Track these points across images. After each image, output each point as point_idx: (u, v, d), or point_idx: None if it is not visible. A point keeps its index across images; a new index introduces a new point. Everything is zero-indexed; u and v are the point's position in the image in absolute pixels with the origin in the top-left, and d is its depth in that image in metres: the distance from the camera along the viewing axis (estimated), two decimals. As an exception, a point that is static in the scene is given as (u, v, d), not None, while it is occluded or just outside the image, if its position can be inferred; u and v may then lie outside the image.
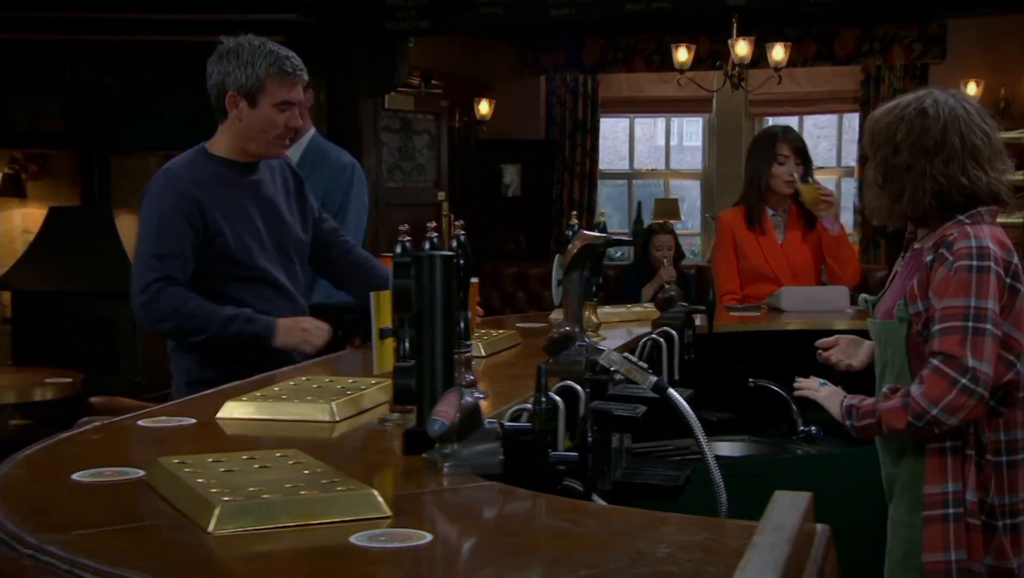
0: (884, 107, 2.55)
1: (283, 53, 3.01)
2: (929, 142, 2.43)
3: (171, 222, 2.94)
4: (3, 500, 1.51)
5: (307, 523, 1.41)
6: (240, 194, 3.04)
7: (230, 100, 2.98)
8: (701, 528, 1.31)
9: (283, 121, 3.00)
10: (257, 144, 3.04)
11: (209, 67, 3.01)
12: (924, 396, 2.30)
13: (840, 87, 9.96)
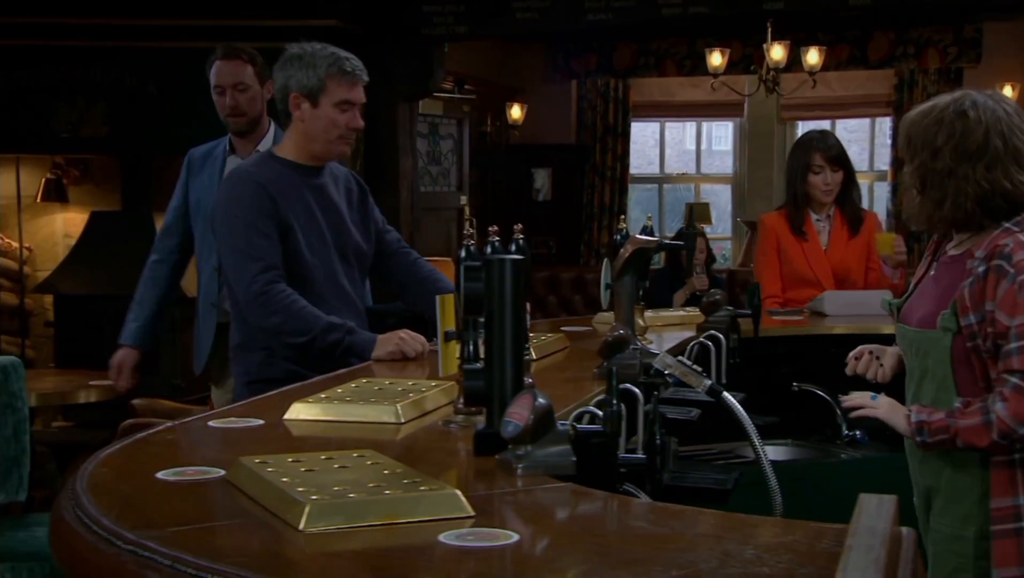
0: (919, 109, 2.49)
1: (343, 55, 3.09)
2: (971, 146, 2.36)
3: (254, 216, 3.03)
4: (96, 498, 1.55)
5: (393, 522, 1.44)
6: (306, 195, 3.11)
7: (293, 102, 3.06)
8: (785, 530, 1.34)
9: (344, 121, 3.07)
10: (320, 144, 3.10)
11: (274, 73, 3.11)
12: (1012, 416, 2.25)
13: (873, 91, 9.94)
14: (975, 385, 2.37)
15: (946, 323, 2.38)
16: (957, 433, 2.32)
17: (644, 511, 1.49)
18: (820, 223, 4.64)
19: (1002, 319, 2.29)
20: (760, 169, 10.25)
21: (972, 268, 2.37)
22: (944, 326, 2.38)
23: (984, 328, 2.32)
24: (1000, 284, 2.30)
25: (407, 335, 3.03)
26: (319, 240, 3.10)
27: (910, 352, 2.52)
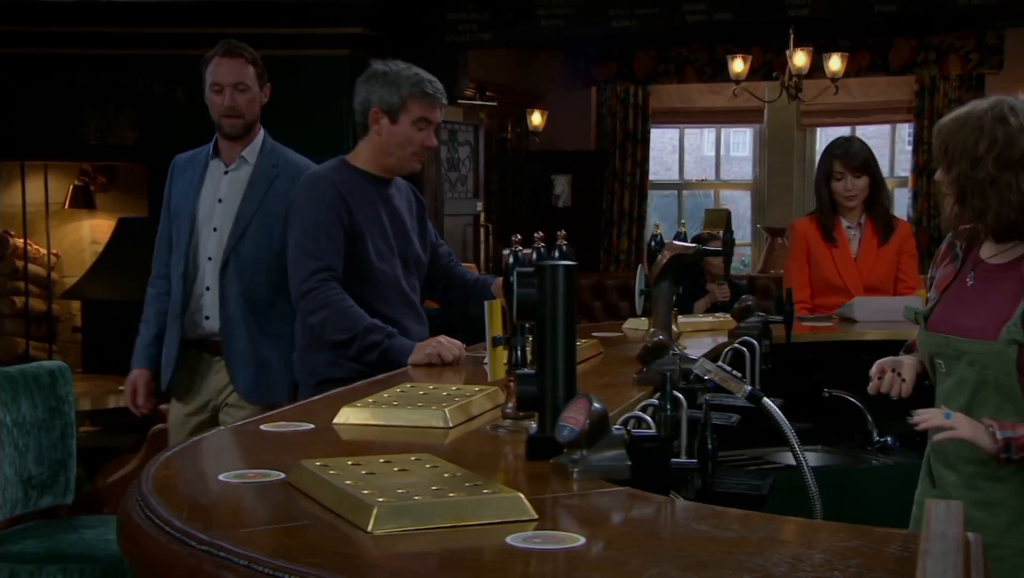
0: (953, 116, 2.41)
1: (426, 76, 3.26)
2: (1015, 155, 2.30)
3: (325, 218, 3.16)
4: (164, 499, 1.58)
5: (458, 524, 1.46)
6: (376, 204, 3.25)
7: (373, 116, 3.23)
8: (850, 535, 1.36)
9: (420, 139, 3.24)
10: (395, 159, 3.26)
11: (357, 87, 3.28)
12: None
13: (894, 97, 9.95)
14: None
15: (1012, 335, 2.31)
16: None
17: (706, 515, 1.51)
18: (851, 231, 4.65)
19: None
20: (780, 175, 10.26)
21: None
22: (1010, 337, 2.31)
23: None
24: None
25: (445, 340, 3.08)
26: (387, 248, 3.23)
27: (961, 363, 2.42)
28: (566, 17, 6.41)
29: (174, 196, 3.64)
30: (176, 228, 3.59)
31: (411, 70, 3.24)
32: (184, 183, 3.62)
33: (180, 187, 3.62)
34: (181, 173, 3.67)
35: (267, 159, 3.60)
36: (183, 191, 3.60)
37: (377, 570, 1.36)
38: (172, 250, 3.60)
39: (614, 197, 10.00)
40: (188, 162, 3.68)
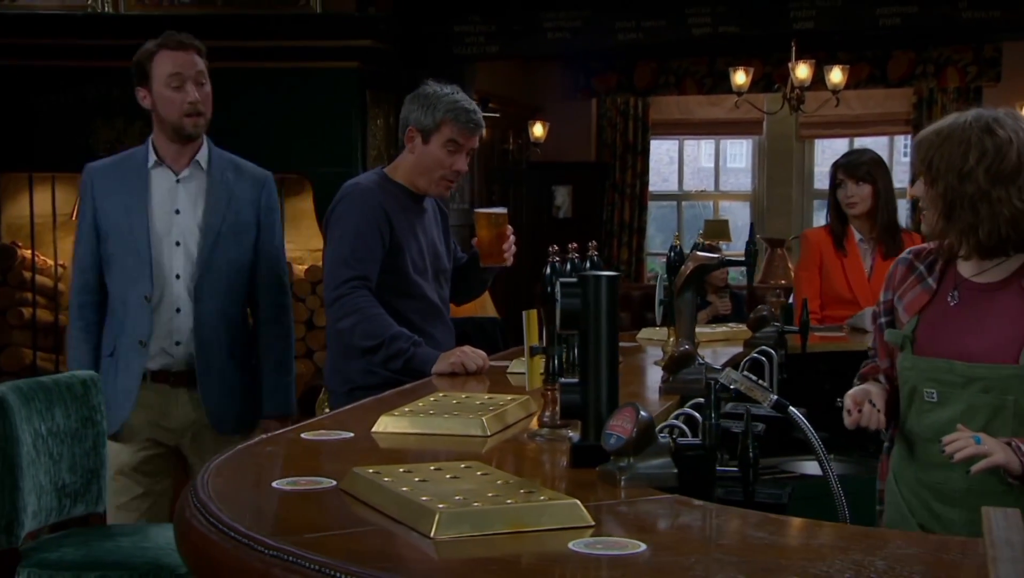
0: (934, 129, 2.30)
1: (465, 105, 3.29)
2: (1007, 167, 2.20)
3: (365, 229, 3.20)
4: (225, 506, 1.61)
5: (518, 530, 1.50)
6: (413, 218, 3.32)
7: (408, 134, 3.31)
8: (906, 541, 1.39)
9: (450, 163, 3.29)
10: (425, 180, 3.33)
11: (404, 103, 3.35)
12: None
13: (892, 109, 10.01)
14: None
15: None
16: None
17: (760, 521, 1.54)
18: (863, 245, 4.70)
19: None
20: (779, 187, 10.32)
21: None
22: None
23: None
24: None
25: (469, 350, 3.13)
26: (421, 261, 3.31)
27: (966, 389, 2.30)
28: (573, 30, 6.46)
29: (107, 210, 3.21)
30: (120, 246, 3.20)
31: (453, 95, 3.29)
32: (121, 195, 3.21)
33: (115, 200, 3.21)
34: (107, 185, 3.24)
35: (221, 165, 3.30)
36: (122, 204, 3.20)
37: (447, 574, 1.39)
38: (112, 271, 3.22)
39: (614, 208, 10.04)
40: (113, 171, 3.28)
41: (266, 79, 6.23)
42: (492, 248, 3.36)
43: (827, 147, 10.94)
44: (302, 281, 6.42)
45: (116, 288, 3.22)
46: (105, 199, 3.23)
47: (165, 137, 3.24)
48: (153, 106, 3.23)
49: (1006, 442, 2.17)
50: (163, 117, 3.22)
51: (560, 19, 6.46)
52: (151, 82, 3.21)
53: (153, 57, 3.21)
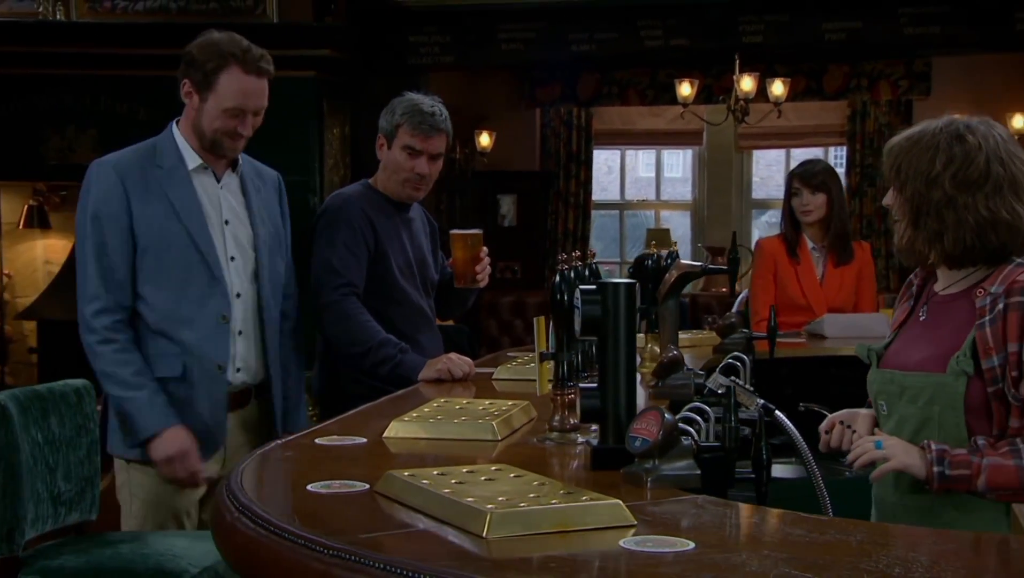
0: (904, 135, 2.27)
1: (422, 108, 3.29)
2: (973, 173, 2.16)
3: (349, 236, 3.24)
4: (271, 510, 1.64)
5: (565, 530, 1.55)
6: (399, 227, 3.35)
7: (378, 141, 3.35)
8: (941, 538, 1.46)
9: (410, 166, 3.30)
10: (392, 184, 3.36)
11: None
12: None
13: (827, 121, 10.23)
14: (989, 434, 2.17)
15: (961, 365, 2.17)
16: (981, 471, 2.10)
17: (795, 520, 1.61)
18: (815, 252, 4.83)
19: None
20: (719, 196, 10.49)
21: (985, 305, 2.18)
22: (959, 369, 2.17)
23: (1008, 371, 2.12)
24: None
25: (456, 357, 3.17)
26: (407, 269, 3.34)
27: (902, 399, 2.29)
28: (527, 41, 6.54)
29: (150, 217, 2.85)
30: (179, 259, 2.87)
31: (412, 100, 3.31)
32: (164, 202, 2.86)
33: (158, 207, 2.86)
34: (143, 186, 2.88)
35: (245, 165, 3.08)
36: (170, 211, 2.86)
37: (512, 572, 1.43)
38: (165, 287, 2.87)
39: (558, 217, 10.14)
40: (144, 170, 2.91)
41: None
42: (466, 269, 3.37)
43: (765, 158, 11.16)
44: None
45: (173, 307, 2.86)
46: (145, 204, 2.86)
47: (195, 140, 2.95)
48: (195, 109, 2.93)
49: (922, 445, 2.17)
50: (203, 128, 2.92)
51: (514, 31, 6.54)
52: (209, 92, 2.90)
53: (222, 71, 2.89)
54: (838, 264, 4.83)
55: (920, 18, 6.44)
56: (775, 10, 6.43)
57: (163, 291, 2.86)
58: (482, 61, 6.74)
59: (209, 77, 2.90)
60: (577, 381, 2.28)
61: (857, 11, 6.42)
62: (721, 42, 6.60)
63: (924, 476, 2.15)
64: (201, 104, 2.92)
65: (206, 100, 2.91)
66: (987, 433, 2.16)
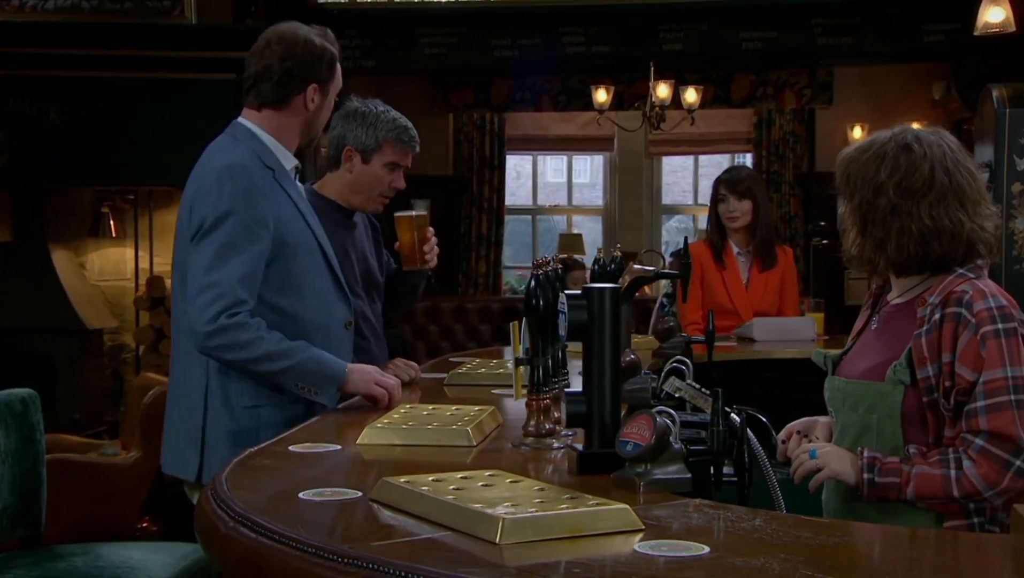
0: (857, 145, 2.33)
1: (403, 124, 3.32)
2: (916, 182, 2.21)
3: None
4: (276, 520, 1.61)
5: (576, 535, 1.55)
6: (343, 235, 3.26)
7: (346, 153, 3.27)
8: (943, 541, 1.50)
9: (388, 181, 3.31)
10: (361, 198, 3.32)
11: (333, 121, 3.25)
12: (981, 478, 2.11)
13: (734, 128, 10.40)
14: (925, 445, 2.21)
15: (898, 375, 2.21)
16: (910, 480, 2.14)
17: (797, 522, 1.63)
18: (741, 257, 4.92)
19: (964, 374, 2.14)
20: (630, 201, 10.60)
21: (924, 316, 2.21)
22: (896, 378, 2.21)
23: (942, 381, 2.16)
24: (960, 335, 2.15)
25: (402, 363, 3.15)
26: (352, 277, 3.25)
27: (844, 407, 2.34)
28: (449, 46, 6.53)
29: (285, 220, 2.80)
30: (313, 264, 2.84)
31: (390, 114, 3.31)
32: (288, 203, 2.82)
33: (287, 208, 2.81)
34: (269, 187, 2.78)
35: None
36: (296, 213, 2.83)
37: (529, 575, 1.43)
38: (302, 294, 2.81)
39: (472, 222, 10.13)
40: (263, 171, 2.78)
41: (138, 89, 6.10)
42: (412, 251, 3.37)
43: (674, 164, 11.32)
44: (174, 296, 6.27)
45: (310, 314, 2.81)
46: (278, 206, 2.77)
47: (296, 142, 2.90)
48: (316, 108, 2.88)
49: (860, 451, 2.20)
50: (317, 125, 2.94)
51: (437, 35, 6.52)
52: (330, 85, 2.91)
53: (335, 61, 2.93)
54: (763, 269, 4.93)
55: (833, 29, 6.60)
56: (694, 19, 6.53)
57: (298, 298, 2.80)
58: (404, 66, 6.71)
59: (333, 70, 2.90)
60: (551, 387, 2.28)
61: (773, 21, 6.56)
62: (642, 49, 6.67)
63: (855, 483, 2.20)
64: (323, 101, 2.89)
65: (328, 94, 2.91)
66: (923, 442, 2.21)
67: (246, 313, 2.65)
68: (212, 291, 2.64)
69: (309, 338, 2.77)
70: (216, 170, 2.73)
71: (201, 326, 2.63)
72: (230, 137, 2.87)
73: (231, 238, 2.66)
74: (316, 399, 2.69)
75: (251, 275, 2.67)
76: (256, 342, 2.63)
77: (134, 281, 7.18)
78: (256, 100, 2.87)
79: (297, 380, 2.68)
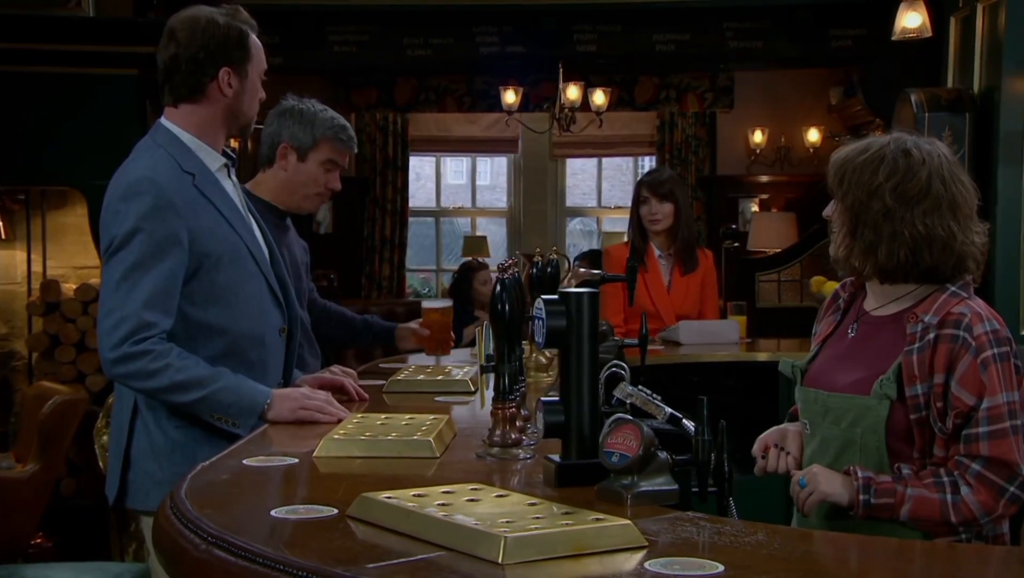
0: (853, 147, 2.29)
1: (341, 122, 3.24)
2: (913, 188, 2.18)
3: None
4: (254, 541, 1.50)
5: (580, 553, 1.48)
6: (279, 235, 3.14)
7: (281, 151, 3.19)
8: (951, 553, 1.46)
9: (325, 180, 3.22)
10: (297, 197, 3.23)
11: (268, 118, 3.18)
12: (980, 505, 2.09)
13: (637, 131, 10.46)
14: (909, 459, 2.18)
15: (885, 389, 2.17)
16: (905, 500, 2.11)
17: (801, 536, 1.59)
18: (662, 260, 4.91)
19: (964, 397, 2.11)
20: (535, 203, 10.57)
21: (916, 332, 2.18)
22: (883, 393, 2.17)
23: (934, 401, 2.13)
24: (959, 358, 2.12)
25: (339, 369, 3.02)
26: (289, 281, 3.07)
27: (825, 420, 2.28)
28: (360, 44, 6.40)
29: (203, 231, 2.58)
30: (240, 272, 2.65)
31: (327, 112, 3.24)
32: (210, 210, 2.60)
33: (208, 217, 2.59)
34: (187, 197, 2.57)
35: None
36: (219, 219, 2.61)
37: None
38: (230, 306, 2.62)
39: (375, 224, 9.99)
40: (180, 179, 2.57)
41: (31, 85, 5.82)
42: (443, 338, 3.49)
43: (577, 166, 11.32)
44: (72, 301, 6.02)
45: (242, 325, 2.64)
46: (195, 217, 2.56)
47: (222, 134, 2.68)
48: (238, 93, 2.64)
49: (846, 471, 2.17)
50: (243, 111, 2.68)
51: (347, 33, 6.39)
52: (248, 66, 2.66)
53: (248, 37, 2.67)
54: (685, 272, 4.92)
55: (744, 32, 6.65)
56: (608, 20, 6.51)
57: (224, 311, 2.61)
58: (314, 64, 6.56)
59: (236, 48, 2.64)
60: (515, 394, 2.20)
61: (686, 24, 6.58)
62: (555, 51, 6.64)
63: (847, 503, 2.15)
64: (242, 83, 2.65)
65: (247, 75, 2.66)
66: (907, 456, 2.18)
67: (156, 338, 2.47)
68: (116, 315, 2.47)
69: (243, 350, 2.62)
70: (123, 186, 2.54)
71: (106, 352, 2.48)
72: (150, 140, 2.67)
73: (139, 258, 2.48)
74: (234, 430, 2.51)
75: (162, 295, 2.49)
76: (163, 371, 2.46)
77: (26, 285, 6.87)
78: (171, 97, 2.67)
79: (211, 410, 2.51)
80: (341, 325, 3.59)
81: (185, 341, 2.54)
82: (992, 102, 4.74)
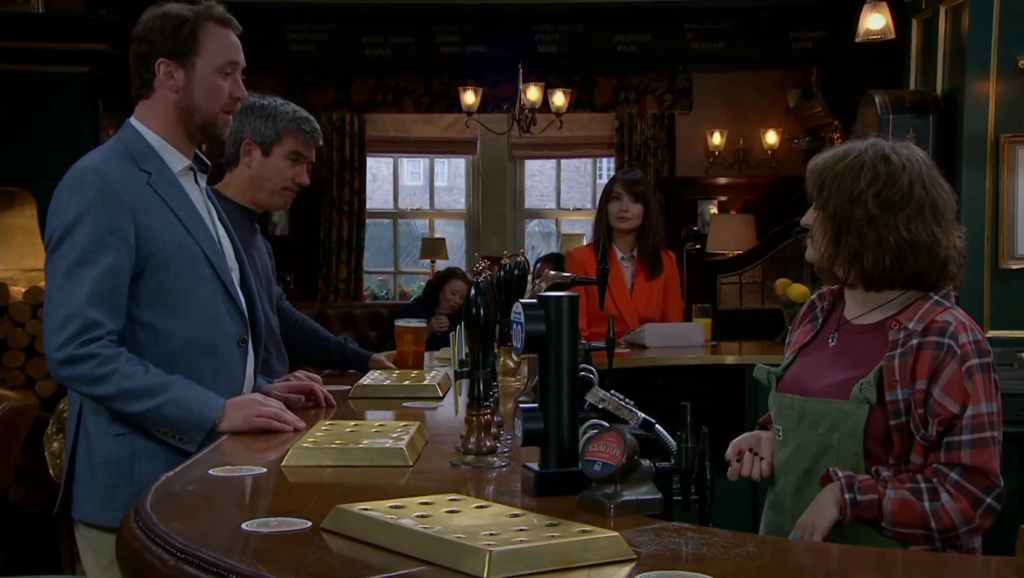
0: (830, 153, 2.26)
1: (303, 115, 3.19)
2: (896, 194, 2.16)
3: None
4: (227, 557, 1.43)
5: (567, 567, 1.42)
6: (247, 237, 3.08)
7: (245, 147, 3.13)
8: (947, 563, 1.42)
9: (292, 174, 3.16)
10: (264, 193, 3.17)
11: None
12: (960, 513, 2.07)
13: (596, 132, 10.44)
14: (886, 465, 2.16)
15: (864, 393, 2.15)
16: (886, 498, 2.08)
17: (793, 547, 1.54)
18: (625, 263, 4.87)
19: (947, 405, 2.09)
20: (493, 205, 10.52)
21: (898, 339, 2.16)
22: (862, 397, 2.15)
23: (915, 408, 2.11)
24: (944, 365, 2.11)
25: (303, 374, 2.99)
26: (258, 285, 2.98)
27: (801, 425, 2.25)
28: (318, 43, 6.31)
29: (156, 230, 2.47)
30: (191, 278, 2.52)
31: (289, 106, 3.20)
32: (163, 209, 2.49)
33: (160, 216, 2.48)
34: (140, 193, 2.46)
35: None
36: (173, 220, 2.49)
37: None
38: (177, 311, 2.49)
39: (332, 225, 9.89)
40: (133, 175, 2.48)
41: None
42: (417, 360, 3.46)
43: (535, 167, 11.28)
44: (21, 304, 5.88)
45: (191, 332, 2.51)
46: (146, 215, 2.45)
47: (182, 132, 2.55)
48: (184, 87, 2.51)
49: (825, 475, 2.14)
50: (196, 106, 2.52)
51: (305, 31, 6.29)
52: (195, 57, 2.50)
53: (196, 29, 2.49)
54: (649, 277, 4.88)
55: (706, 34, 6.64)
56: (569, 20, 6.47)
57: (169, 316, 2.48)
58: (272, 63, 6.45)
59: (189, 37, 2.49)
60: (489, 401, 2.14)
61: (647, 25, 6.55)
62: (516, 51, 6.58)
63: (838, 510, 2.09)
64: (183, 77, 2.50)
65: (192, 67, 2.50)
66: (884, 462, 2.15)
67: (105, 341, 2.36)
68: (60, 313, 2.36)
69: (191, 357, 2.49)
70: (69, 177, 2.44)
71: (52, 352, 2.37)
72: (115, 137, 2.58)
73: (82, 253, 2.37)
74: (182, 446, 2.39)
75: (107, 293, 2.37)
76: (110, 377, 2.35)
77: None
78: (134, 94, 2.59)
79: (157, 425, 2.40)
80: (315, 345, 3.53)
81: (130, 344, 2.43)
82: (955, 104, 4.74)
